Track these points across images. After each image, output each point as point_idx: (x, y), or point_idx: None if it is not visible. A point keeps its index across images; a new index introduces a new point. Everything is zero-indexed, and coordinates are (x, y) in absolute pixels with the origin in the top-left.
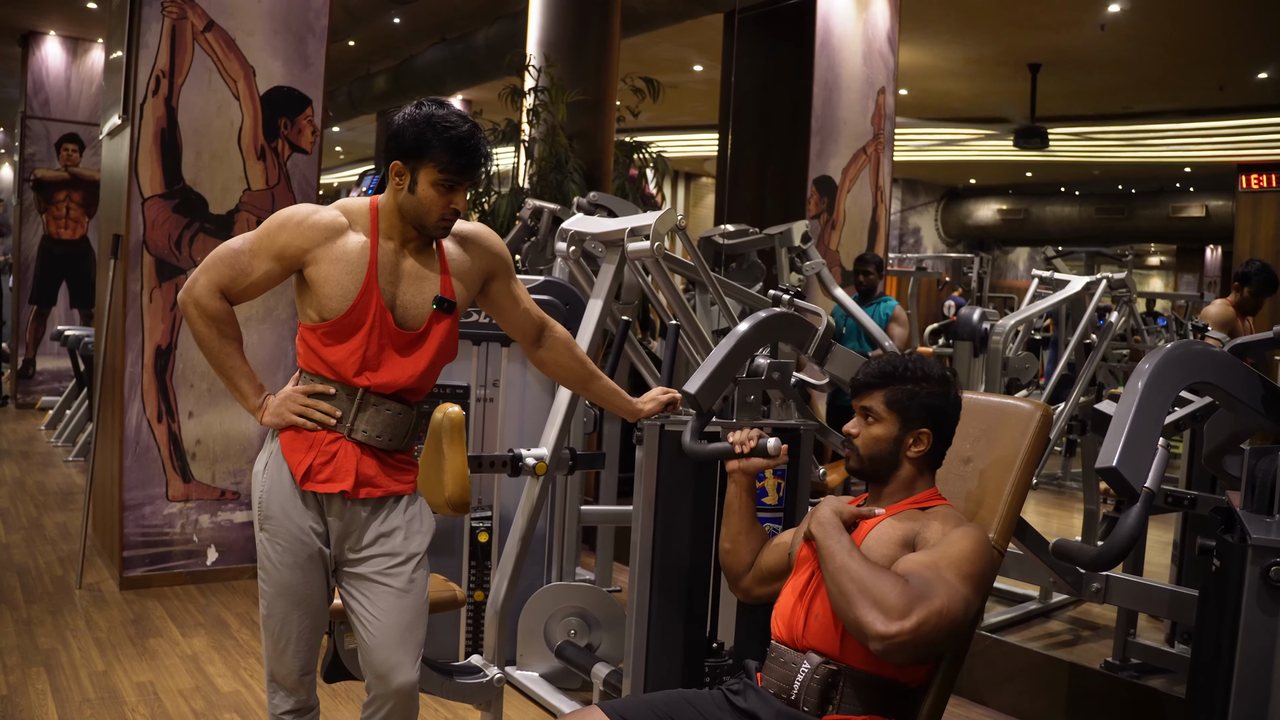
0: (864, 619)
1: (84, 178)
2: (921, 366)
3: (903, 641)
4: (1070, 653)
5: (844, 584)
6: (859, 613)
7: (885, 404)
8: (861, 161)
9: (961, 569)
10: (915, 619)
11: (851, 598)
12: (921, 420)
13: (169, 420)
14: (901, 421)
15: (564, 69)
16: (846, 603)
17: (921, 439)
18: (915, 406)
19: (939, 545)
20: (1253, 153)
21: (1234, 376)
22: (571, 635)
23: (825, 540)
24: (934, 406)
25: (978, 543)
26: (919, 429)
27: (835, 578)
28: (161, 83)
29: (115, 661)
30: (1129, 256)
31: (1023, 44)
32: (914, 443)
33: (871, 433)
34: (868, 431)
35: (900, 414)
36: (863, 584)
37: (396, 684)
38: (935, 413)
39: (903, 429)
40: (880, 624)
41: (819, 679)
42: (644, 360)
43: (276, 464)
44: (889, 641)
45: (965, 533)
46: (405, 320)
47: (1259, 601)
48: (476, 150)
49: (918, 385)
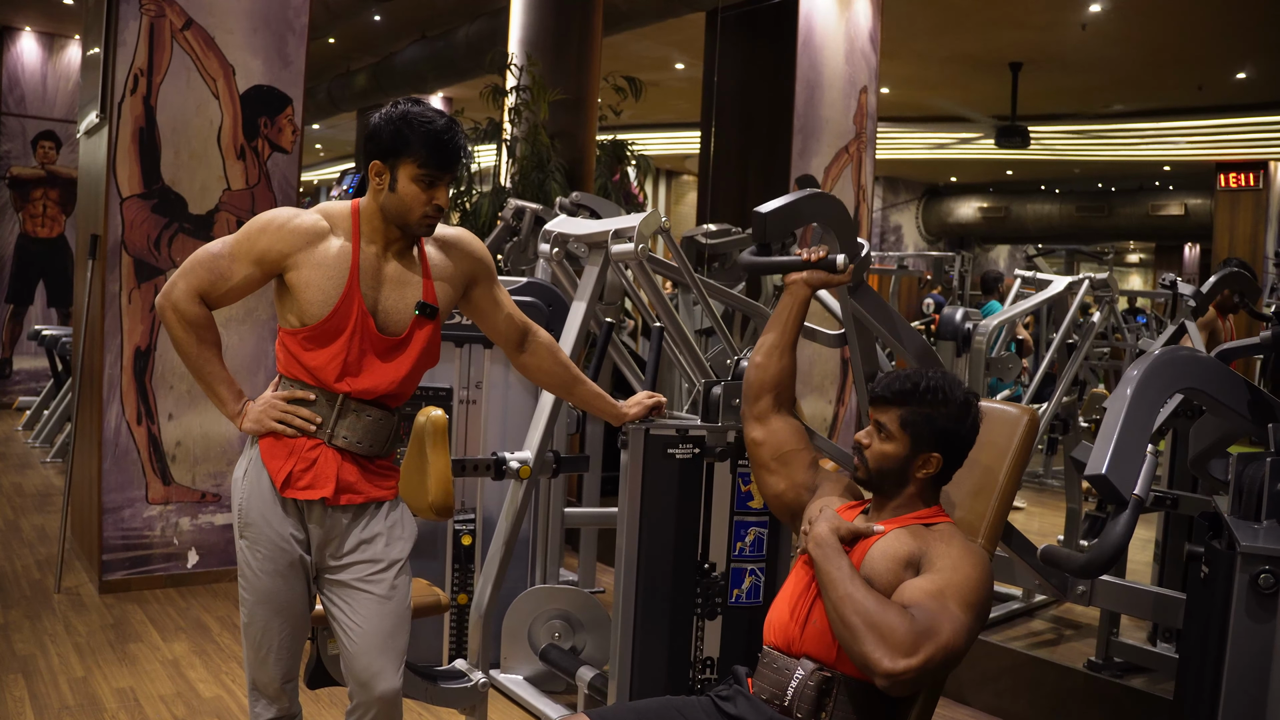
0: (870, 655)
1: (60, 175)
2: (944, 388)
3: (909, 679)
4: (1053, 652)
5: (848, 616)
6: (865, 648)
7: (900, 423)
8: (844, 160)
9: (965, 598)
10: (922, 656)
11: (857, 632)
12: (933, 444)
13: (148, 422)
14: (913, 442)
15: (545, 67)
16: (851, 636)
17: (931, 462)
18: (930, 430)
19: (944, 571)
20: (1231, 152)
21: (1221, 382)
22: (556, 638)
23: (825, 565)
24: (949, 430)
25: (981, 569)
26: (930, 453)
27: (838, 608)
28: (140, 81)
29: (95, 667)
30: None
31: (1004, 43)
32: (923, 465)
33: (882, 449)
34: (878, 446)
35: (913, 435)
36: (868, 618)
37: (379, 691)
38: (949, 437)
39: (913, 450)
40: (887, 661)
41: (813, 685)
42: (627, 362)
43: (256, 471)
44: (895, 679)
45: (969, 558)
46: (387, 326)
47: (1247, 609)
48: (454, 144)
49: (935, 409)
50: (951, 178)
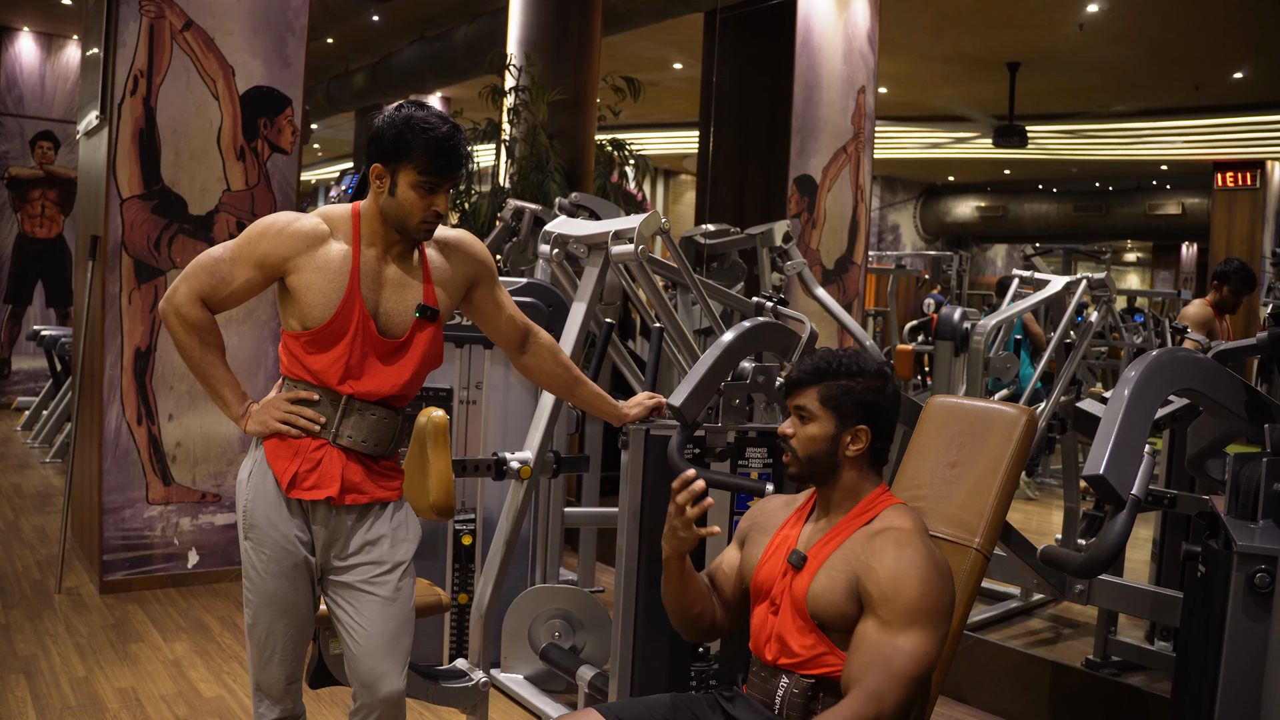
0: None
1: (59, 176)
2: (856, 361)
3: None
4: (1051, 651)
5: None
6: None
7: (820, 401)
8: (842, 160)
9: (915, 618)
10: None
11: None
12: (858, 417)
13: (149, 423)
14: (837, 419)
15: (544, 67)
16: None
17: (860, 436)
18: (850, 402)
19: (884, 603)
20: (1228, 151)
21: (1218, 383)
22: (556, 637)
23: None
24: (870, 402)
25: (925, 574)
26: (856, 426)
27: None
28: (140, 82)
29: (96, 667)
30: (1107, 255)
31: (1002, 43)
32: (851, 441)
33: (807, 432)
34: (803, 431)
35: (835, 411)
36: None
37: (383, 693)
38: (871, 408)
39: (839, 427)
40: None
41: (798, 693)
42: (627, 363)
43: (261, 472)
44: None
45: (907, 570)
46: (388, 329)
47: (1244, 608)
48: (456, 151)
49: (852, 380)
50: (949, 177)
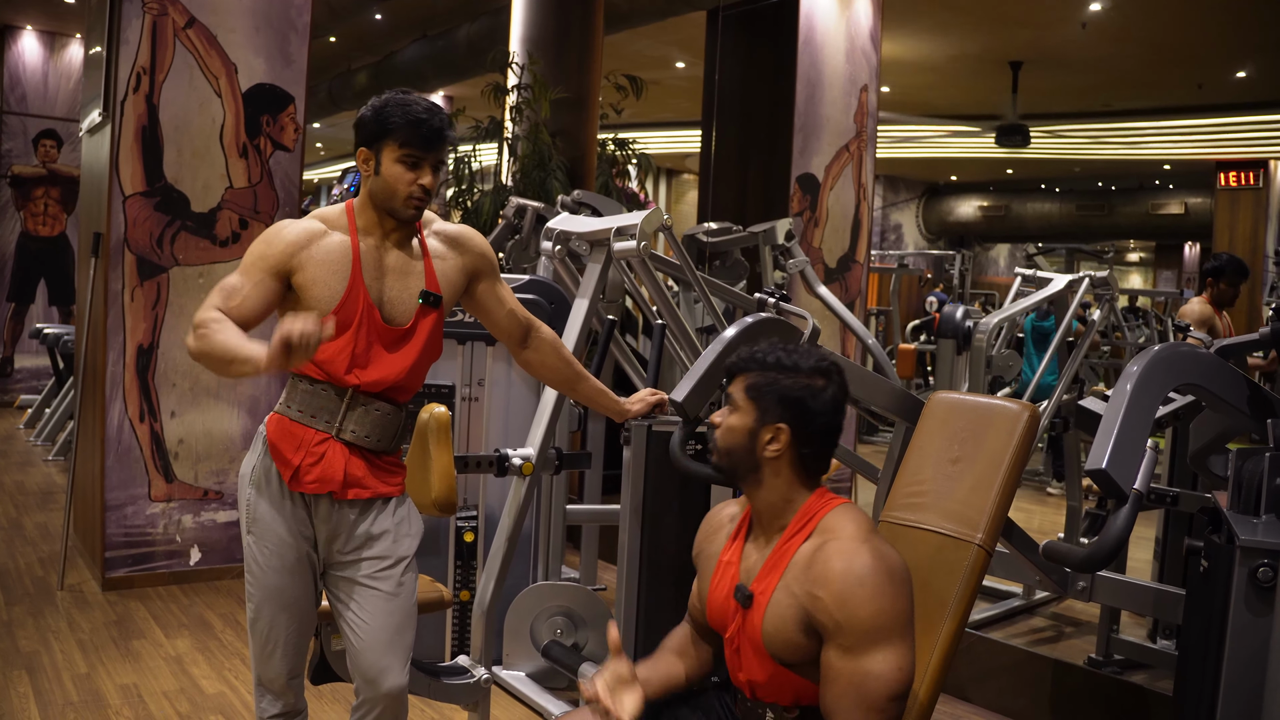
0: None
1: (62, 174)
2: (794, 355)
3: None
4: (1053, 649)
5: None
6: None
7: (744, 390)
8: (844, 159)
9: (877, 636)
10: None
11: None
12: (777, 413)
13: (151, 420)
14: (758, 412)
15: (546, 66)
16: None
17: (779, 436)
18: (773, 396)
19: (842, 627)
20: (1231, 151)
21: (1220, 378)
22: (558, 635)
23: None
24: (795, 399)
25: (875, 586)
26: (775, 423)
27: None
28: (142, 80)
29: (98, 664)
30: (1110, 254)
31: (1004, 42)
32: (770, 440)
33: (729, 422)
34: (726, 421)
35: (757, 403)
36: None
37: (386, 688)
38: (796, 406)
39: (759, 420)
40: None
41: None
42: (629, 359)
43: (264, 466)
44: None
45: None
46: (392, 316)
47: (1247, 603)
48: (434, 124)
49: (781, 374)
50: (952, 176)
